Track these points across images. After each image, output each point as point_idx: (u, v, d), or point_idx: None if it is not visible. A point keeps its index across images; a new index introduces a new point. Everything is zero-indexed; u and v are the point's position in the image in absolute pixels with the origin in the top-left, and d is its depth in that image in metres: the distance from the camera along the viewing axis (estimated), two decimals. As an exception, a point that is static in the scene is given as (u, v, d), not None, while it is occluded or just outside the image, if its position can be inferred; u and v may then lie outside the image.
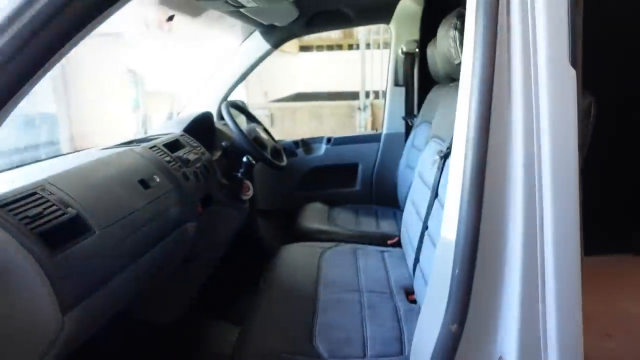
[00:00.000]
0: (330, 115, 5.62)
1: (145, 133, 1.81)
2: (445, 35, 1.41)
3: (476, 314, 0.75)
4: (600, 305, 0.76)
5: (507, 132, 0.71)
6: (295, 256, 1.65)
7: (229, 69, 2.39)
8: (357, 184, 2.52)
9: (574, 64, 0.67)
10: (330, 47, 10.26)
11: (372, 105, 5.52)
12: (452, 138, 1.30)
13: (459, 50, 1.31)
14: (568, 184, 0.68)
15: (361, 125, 5.39)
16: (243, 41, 2.37)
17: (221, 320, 1.77)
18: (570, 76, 0.67)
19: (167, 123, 2.00)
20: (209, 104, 2.35)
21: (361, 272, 1.51)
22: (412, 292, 1.38)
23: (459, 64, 1.35)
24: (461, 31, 1.30)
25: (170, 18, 1.66)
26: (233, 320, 1.74)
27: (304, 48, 9.08)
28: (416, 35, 2.34)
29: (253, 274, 1.99)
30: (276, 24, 2.19)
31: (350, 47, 10.29)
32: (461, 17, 1.30)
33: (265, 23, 2.14)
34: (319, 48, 9.96)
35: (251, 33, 2.35)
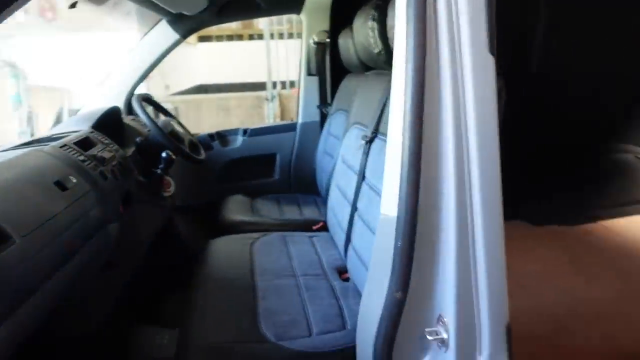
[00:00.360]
0: (237, 107, 5.51)
1: (32, 134, 1.65)
2: (362, 25, 1.48)
3: (418, 280, 0.83)
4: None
5: (438, 114, 0.79)
6: (225, 249, 1.63)
7: (134, 60, 2.26)
8: (276, 174, 2.54)
9: (491, 51, 0.77)
10: (230, 37, 10.03)
11: (279, 95, 5.54)
12: (375, 123, 1.40)
13: (379, 40, 1.39)
14: (491, 158, 0.78)
15: (270, 116, 5.39)
16: (149, 31, 2.25)
17: (151, 325, 1.70)
18: (489, 62, 0.77)
19: (70, 120, 1.85)
20: (112, 98, 2.21)
21: (294, 258, 1.54)
22: (345, 271, 1.46)
23: (379, 53, 1.44)
24: (379, 22, 1.38)
25: (73, 5, 1.53)
26: (164, 323, 1.68)
27: (203, 38, 8.76)
28: (326, 26, 2.40)
29: (179, 272, 1.94)
30: (185, 12, 2.11)
31: (250, 37, 10.16)
32: (379, 9, 1.38)
33: (173, 11, 2.06)
34: (219, 38, 9.68)
35: (157, 22, 2.24)
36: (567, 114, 2.50)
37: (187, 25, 2.23)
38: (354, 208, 1.39)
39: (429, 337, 0.83)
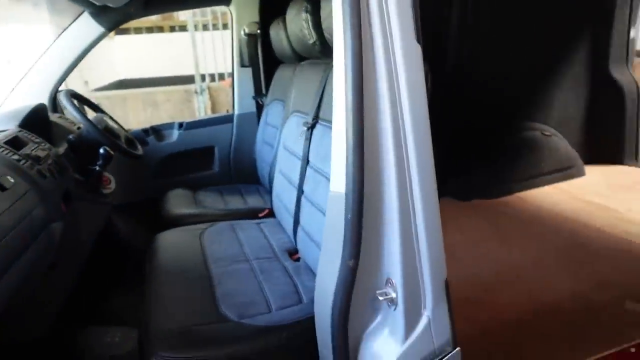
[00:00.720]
0: (166, 101, 5.34)
1: None
2: (296, 17, 1.55)
3: (367, 248, 0.92)
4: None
5: (376, 99, 0.88)
6: (174, 242, 1.64)
7: (56, 55, 2.16)
8: (215, 166, 2.55)
9: (418, 40, 0.87)
10: (150, 30, 9.63)
11: (209, 88, 5.44)
12: (315, 110, 1.48)
13: (313, 31, 1.47)
14: (424, 136, 0.89)
15: (201, 109, 5.28)
16: (70, 24, 2.16)
17: (100, 325, 1.67)
18: (417, 50, 0.87)
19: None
20: (34, 96, 2.10)
21: (244, 244, 1.59)
22: (294, 253, 1.53)
23: (314, 43, 1.51)
24: (312, 13, 1.45)
25: (-7, -2, 1.43)
26: (115, 322, 1.66)
27: (120, 31, 8.34)
28: (256, 17, 2.44)
29: (124, 270, 1.91)
30: (109, 4, 2.04)
31: (172, 29, 9.82)
32: (311, 1, 1.45)
33: (97, 3, 1.99)
34: (138, 30, 9.27)
35: (79, 15, 2.15)
36: (481, 99, 2.74)
37: (111, 18, 2.16)
38: (301, 191, 1.46)
39: (380, 298, 0.93)
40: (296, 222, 1.49)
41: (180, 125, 2.49)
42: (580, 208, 2.48)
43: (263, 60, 2.51)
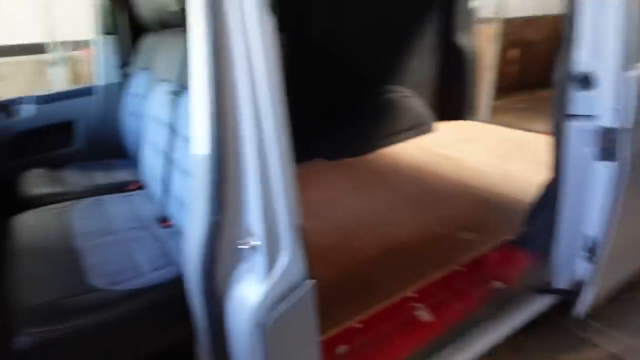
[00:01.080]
0: (15, 73, 4.71)
1: None
2: (156, -16, 1.52)
3: (230, 203, 1.01)
4: (301, 197, 1.13)
5: (232, 67, 0.95)
6: (34, 223, 1.56)
7: None
8: (77, 142, 2.39)
9: (270, 11, 0.95)
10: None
11: (70, 58, 4.89)
12: (180, 78, 1.49)
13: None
14: (278, 100, 0.98)
15: (57, 82, 4.74)
16: None
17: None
18: (270, 20, 0.95)
19: None
20: None
21: (112, 218, 1.57)
22: (164, 220, 1.56)
23: (176, 12, 1.51)
24: None
25: None
26: None
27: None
28: (117, -18, 2.29)
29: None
30: None
31: (13, -10, 8.53)
32: None
33: None
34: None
35: None
36: (346, 68, 2.96)
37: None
38: (169, 160, 1.48)
39: (244, 247, 1.03)
40: (166, 190, 1.52)
41: (34, 99, 2.27)
42: (430, 159, 2.85)
43: (127, 27, 2.39)
